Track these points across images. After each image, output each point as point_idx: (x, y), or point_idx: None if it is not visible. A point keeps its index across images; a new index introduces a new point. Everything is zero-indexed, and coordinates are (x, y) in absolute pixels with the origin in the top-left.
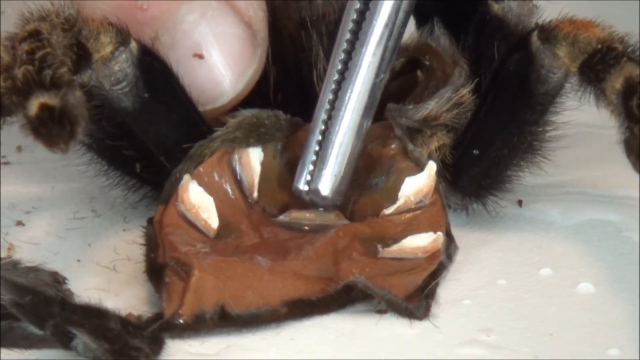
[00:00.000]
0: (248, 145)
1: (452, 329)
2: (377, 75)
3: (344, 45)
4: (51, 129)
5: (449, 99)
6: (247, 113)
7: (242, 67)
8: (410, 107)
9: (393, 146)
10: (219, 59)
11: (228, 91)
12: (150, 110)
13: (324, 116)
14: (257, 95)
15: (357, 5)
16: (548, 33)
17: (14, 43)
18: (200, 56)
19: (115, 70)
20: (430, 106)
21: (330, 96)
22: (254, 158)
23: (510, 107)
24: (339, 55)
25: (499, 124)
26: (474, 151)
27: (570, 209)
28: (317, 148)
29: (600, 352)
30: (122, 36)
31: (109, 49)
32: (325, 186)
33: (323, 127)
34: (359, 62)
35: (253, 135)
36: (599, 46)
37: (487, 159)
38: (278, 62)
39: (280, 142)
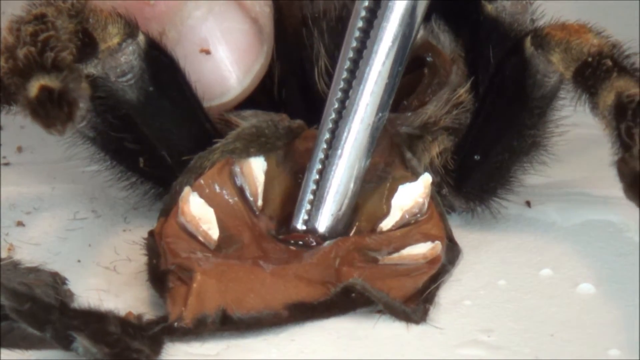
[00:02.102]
0: (249, 155)
1: (452, 329)
2: (375, 114)
3: (341, 84)
4: (49, 110)
5: (447, 101)
6: (246, 124)
7: (248, 63)
8: (409, 114)
9: (391, 155)
10: (225, 55)
11: (235, 87)
12: (154, 103)
13: (321, 155)
14: (261, 91)
15: (354, 44)
16: (541, 39)
17: (19, 25)
18: (207, 52)
19: (122, 62)
20: (429, 111)
21: (327, 135)
22: (256, 168)
23: (508, 111)
24: (336, 94)
25: (498, 128)
26: (475, 156)
27: (570, 209)
28: (314, 187)
29: (601, 353)
30: (130, 28)
31: (116, 40)
32: (323, 225)
33: (320, 167)
34: (357, 100)
35: (254, 145)
36: (590, 59)
37: (488, 163)
38: (282, 59)
39: (282, 150)
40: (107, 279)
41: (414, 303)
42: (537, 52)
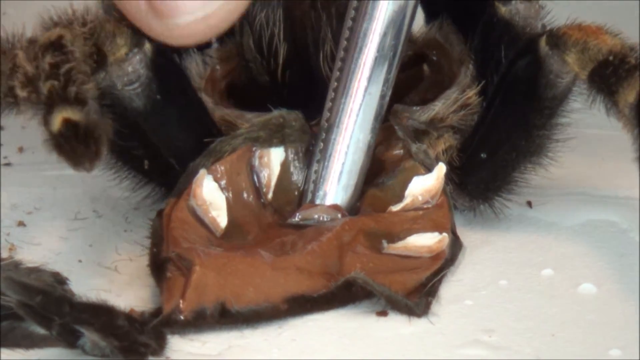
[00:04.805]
0: (271, 145)
1: (453, 329)
2: (367, 90)
3: (339, 64)
4: (76, 147)
5: (455, 100)
6: (275, 112)
7: None
8: (417, 108)
9: (398, 149)
10: None
11: (197, 7)
12: (161, 111)
13: (323, 135)
14: (266, 73)
15: (350, 24)
16: (557, 39)
17: (36, 51)
18: None
19: (129, 71)
20: (437, 107)
21: (328, 114)
22: (274, 159)
23: (518, 111)
24: (335, 74)
25: (507, 127)
26: (482, 154)
27: (572, 209)
28: (316, 167)
29: (602, 353)
30: (137, 37)
31: (123, 50)
32: (329, 200)
33: (322, 145)
34: (350, 77)
35: (278, 135)
36: (611, 57)
37: (494, 162)
38: (289, 41)
39: (305, 144)
40: (109, 279)
41: (416, 297)
42: (552, 52)
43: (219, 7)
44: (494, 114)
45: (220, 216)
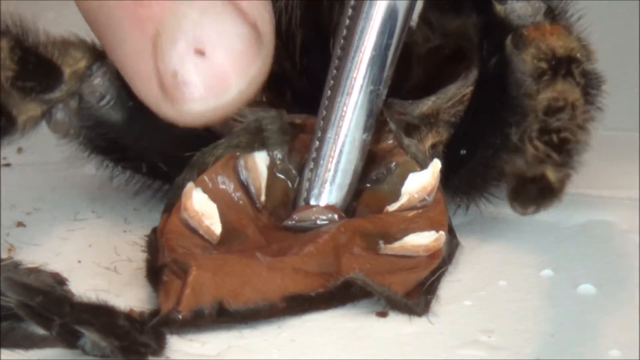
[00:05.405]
0: (253, 150)
1: (452, 330)
2: (360, 87)
3: (335, 62)
4: None
5: (453, 96)
6: (250, 117)
7: (244, 66)
8: (409, 102)
9: (389, 141)
10: (221, 56)
11: (231, 88)
12: (138, 117)
13: (318, 133)
14: (285, 58)
15: (347, 22)
16: (518, 38)
17: None
18: (202, 53)
19: (97, 85)
20: (430, 102)
21: (323, 112)
22: (259, 162)
23: (491, 108)
24: (331, 72)
25: (482, 124)
26: (462, 151)
27: (571, 210)
28: (312, 165)
29: (602, 353)
30: (97, 51)
31: (82, 63)
32: (324, 200)
33: (317, 144)
34: (344, 76)
35: (257, 139)
36: (558, 58)
37: (473, 159)
38: (304, 27)
39: (287, 145)
40: (108, 280)
41: (416, 296)
42: (515, 51)
43: (233, 97)
44: (473, 110)
45: (214, 224)
